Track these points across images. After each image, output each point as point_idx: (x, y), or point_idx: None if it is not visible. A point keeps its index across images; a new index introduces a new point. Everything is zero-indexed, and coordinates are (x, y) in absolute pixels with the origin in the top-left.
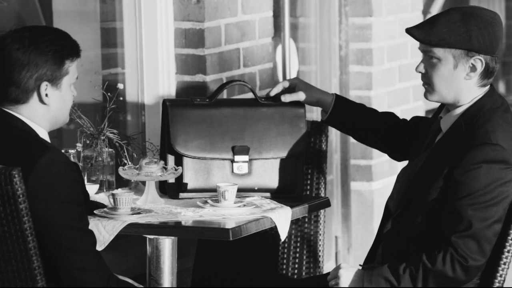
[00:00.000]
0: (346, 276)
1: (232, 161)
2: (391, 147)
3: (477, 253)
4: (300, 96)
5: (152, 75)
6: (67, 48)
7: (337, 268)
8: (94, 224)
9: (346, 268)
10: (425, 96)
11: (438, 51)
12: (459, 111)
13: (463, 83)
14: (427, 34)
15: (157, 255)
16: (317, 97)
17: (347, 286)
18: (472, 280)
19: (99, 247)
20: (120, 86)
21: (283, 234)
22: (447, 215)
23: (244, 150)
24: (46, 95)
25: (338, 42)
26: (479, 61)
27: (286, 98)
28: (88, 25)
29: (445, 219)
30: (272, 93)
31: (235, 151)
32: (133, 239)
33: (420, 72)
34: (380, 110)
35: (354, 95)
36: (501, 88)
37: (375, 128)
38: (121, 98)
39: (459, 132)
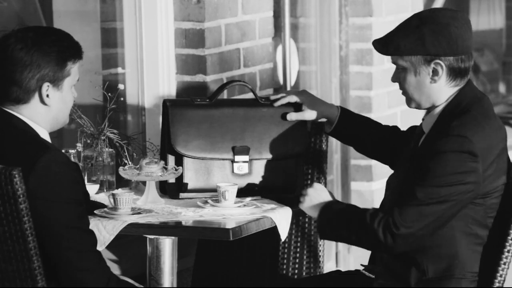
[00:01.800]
0: (310, 199)
1: (233, 161)
2: (391, 159)
3: (411, 222)
4: (307, 116)
5: (152, 75)
6: (69, 50)
7: (310, 185)
8: (94, 224)
9: (316, 191)
10: (406, 103)
11: (400, 61)
12: (437, 110)
13: (431, 87)
14: (384, 44)
15: (157, 255)
16: (322, 114)
17: (304, 208)
18: (399, 250)
19: (99, 247)
20: (121, 86)
21: (283, 234)
22: (404, 192)
23: (245, 150)
24: (47, 95)
25: (338, 42)
26: (439, 65)
27: (292, 117)
28: (88, 25)
29: (401, 195)
30: (276, 104)
31: (236, 151)
32: (133, 239)
33: (393, 82)
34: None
35: (354, 95)
36: (501, 88)
37: (377, 141)
38: (122, 99)
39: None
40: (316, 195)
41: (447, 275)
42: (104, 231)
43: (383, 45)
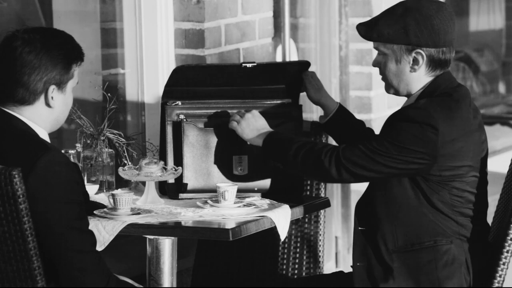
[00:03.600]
0: (248, 123)
1: (232, 161)
2: None
3: (356, 157)
4: (310, 93)
5: (152, 75)
6: (74, 52)
7: (248, 111)
8: (94, 224)
9: (254, 117)
10: (385, 89)
11: (382, 47)
12: (413, 99)
13: (410, 75)
14: (368, 30)
15: (157, 255)
16: (322, 100)
17: (241, 128)
18: (337, 178)
19: (99, 247)
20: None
21: (283, 234)
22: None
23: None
24: (52, 98)
25: (338, 43)
26: (420, 55)
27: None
28: (88, 25)
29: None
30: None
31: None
32: (133, 239)
33: (374, 66)
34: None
35: (354, 95)
36: (501, 88)
37: None
38: (121, 99)
39: None
40: (253, 121)
41: (418, 243)
42: (103, 231)
43: (366, 30)
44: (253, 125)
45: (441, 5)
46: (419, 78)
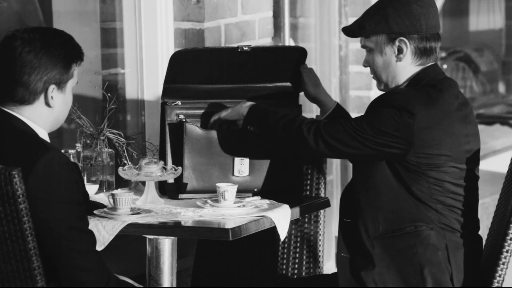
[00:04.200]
0: (227, 109)
1: (232, 161)
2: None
3: (334, 132)
4: (308, 88)
5: (152, 75)
6: (74, 52)
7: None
8: (94, 224)
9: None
10: (376, 86)
11: (367, 42)
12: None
13: (397, 66)
14: (351, 28)
15: (157, 255)
16: (319, 96)
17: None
18: (314, 149)
19: (99, 247)
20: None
21: (283, 234)
22: None
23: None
24: (52, 97)
25: (338, 42)
26: (403, 42)
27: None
28: (88, 25)
29: None
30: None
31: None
32: (133, 239)
33: (365, 66)
34: None
35: (354, 95)
36: (501, 88)
37: None
38: (121, 99)
39: None
40: (238, 105)
41: (398, 229)
42: (103, 231)
43: (349, 28)
44: (237, 106)
45: None
46: (405, 67)
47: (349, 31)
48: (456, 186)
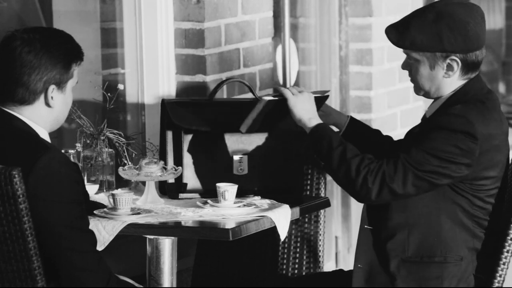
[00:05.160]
0: (303, 100)
1: (232, 161)
2: None
3: (402, 180)
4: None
5: (152, 75)
6: (73, 52)
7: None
8: (94, 224)
9: (311, 98)
10: (414, 91)
11: (414, 54)
12: (443, 100)
13: (444, 80)
14: (400, 37)
15: (157, 255)
16: (333, 120)
17: (297, 102)
18: (369, 198)
19: (99, 247)
20: (121, 86)
21: (283, 234)
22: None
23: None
24: (52, 97)
25: (338, 42)
26: (454, 61)
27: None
28: (88, 25)
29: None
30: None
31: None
32: (133, 239)
33: (403, 69)
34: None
35: (354, 95)
36: (501, 88)
37: (380, 154)
38: (121, 99)
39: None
40: (308, 101)
41: (427, 256)
42: (103, 231)
43: (398, 38)
44: (305, 104)
45: (472, 7)
46: (452, 82)
47: (398, 42)
48: (492, 206)
